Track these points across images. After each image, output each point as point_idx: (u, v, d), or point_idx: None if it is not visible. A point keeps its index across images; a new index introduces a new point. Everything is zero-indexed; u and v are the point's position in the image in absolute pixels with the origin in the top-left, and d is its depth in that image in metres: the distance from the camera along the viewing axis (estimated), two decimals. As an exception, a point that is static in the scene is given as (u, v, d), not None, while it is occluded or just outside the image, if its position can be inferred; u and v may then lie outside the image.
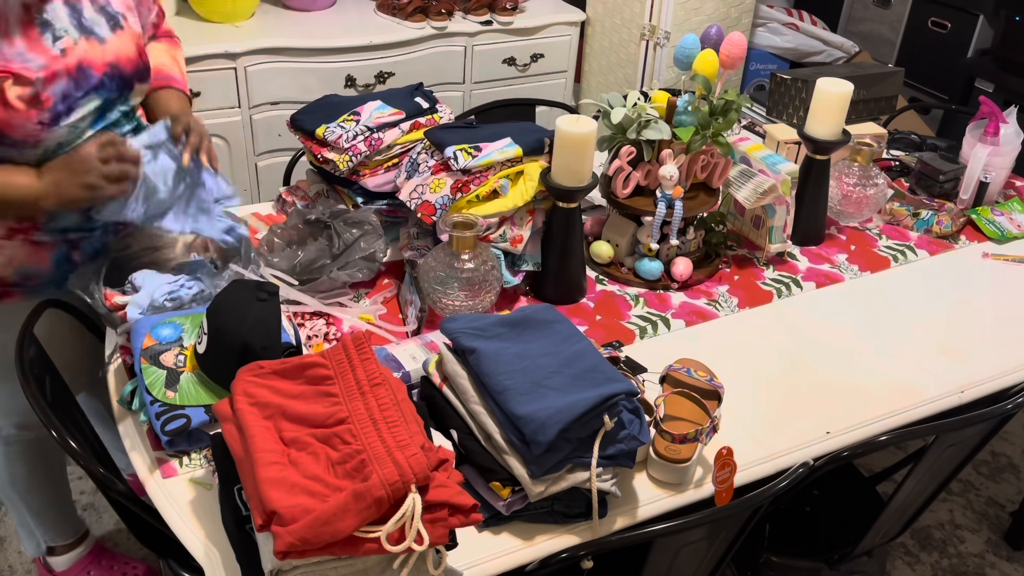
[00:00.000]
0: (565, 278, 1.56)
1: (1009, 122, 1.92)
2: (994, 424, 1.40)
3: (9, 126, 1.23)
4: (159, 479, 1.15)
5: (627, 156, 1.55)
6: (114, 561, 1.92)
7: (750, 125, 2.27)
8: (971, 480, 2.40)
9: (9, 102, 1.21)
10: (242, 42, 2.52)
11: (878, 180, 1.81)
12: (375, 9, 2.91)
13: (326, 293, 1.49)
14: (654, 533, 1.09)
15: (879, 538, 1.59)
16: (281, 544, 0.85)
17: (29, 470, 1.69)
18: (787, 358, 1.48)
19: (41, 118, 1.25)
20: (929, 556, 2.16)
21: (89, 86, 1.30)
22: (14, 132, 1.23)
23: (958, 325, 1.59)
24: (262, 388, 1.01)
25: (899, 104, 2.44)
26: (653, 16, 2.92)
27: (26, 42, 1.23)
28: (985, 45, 3.27)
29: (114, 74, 1.34)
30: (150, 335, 1.25)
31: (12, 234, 1.36)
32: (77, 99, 1.29)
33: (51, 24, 1.26)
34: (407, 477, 0.89)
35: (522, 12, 3.01)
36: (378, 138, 1.62)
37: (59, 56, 1.26)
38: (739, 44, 1.56)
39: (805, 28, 3.44)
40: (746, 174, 1.68)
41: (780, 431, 1.31)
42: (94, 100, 1.32)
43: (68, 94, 1.27)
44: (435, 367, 1.21)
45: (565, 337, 1.18)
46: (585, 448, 1.07)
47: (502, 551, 1.09)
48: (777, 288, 1.66)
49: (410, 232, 1.59)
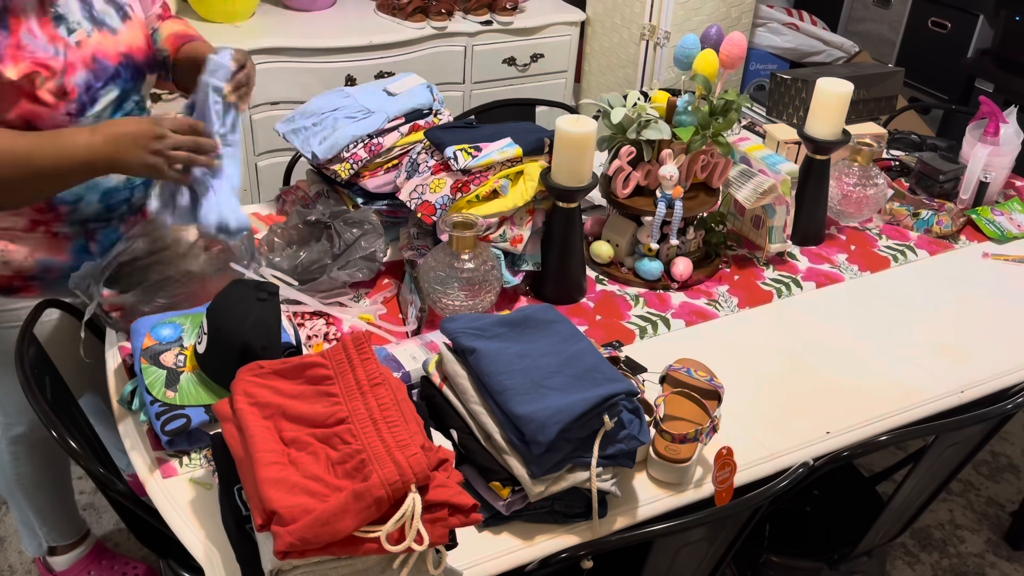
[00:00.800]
0: (565, 278, 1.56)
1: (1009, 122, 1.92)
2: (994, 424, 1.40)
3: (40, 119, 1.26)
4: (159, 479, 1.15)
5: (627, 156, 1.55)
6: (114, 561, 1.92)
7: (750, 125, 2.27)
8: (971, 480, 2.40)
9: (40, 98, 1.25)
10: (242, 42, 2.52)
11: (878, 180, 1.81)
12: (375, 9, 2.91)
13: (326, 293, 1.49)
14: (654, 533, 1.09)
15: (879, 538, 1.59)
16: (281, 544, 0.85)
17: (36, 469, 1.70)
18: (787, 358, 1.48)
19: (69, 109, 1.28)
20: (929, 556, 2.16)
21: (107, 76, 1.34)
22: (45, 125, 1.27)
23: (958, 325, 1.59)
24: (262, 388, 1.01)
25: (899, 104, 2.44)
26: (653, 16, 2.92)
27: (45, 35, 1.26)
28: (985, 45, 3.27)
29: (128, 63, 1.38)
30: (150, 335, 1.25)
31: (34, 226, 1.38)
32: (98, 89, 1.32)
33: (65, 17, 1.29)
34: (407, 477, 0.89)
35: (522, 12, 3.01)
36: (378, 143, 1.62)
37: (75, 48, 1.29)
38: (739, 44, 1.56)
39: (805, 28, 3.44)
40: (746, 174, 1.68)
41: (780, 431, 1.31)
42: (113, 90, 1.35)
43: (90, 84, 1.31)
44: (435, 367, 1.21)
45: (565, 337, 1.18)
46: (585, 448, 1.07)
47: (502, 551, 1.09)
48: (777, 288, 1.66)
49: (410, 232, 1.59)
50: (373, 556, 0.92)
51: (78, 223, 1.41)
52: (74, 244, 1.43)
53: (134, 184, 1.45)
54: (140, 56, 1.41)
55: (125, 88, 1.38)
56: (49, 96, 1.25)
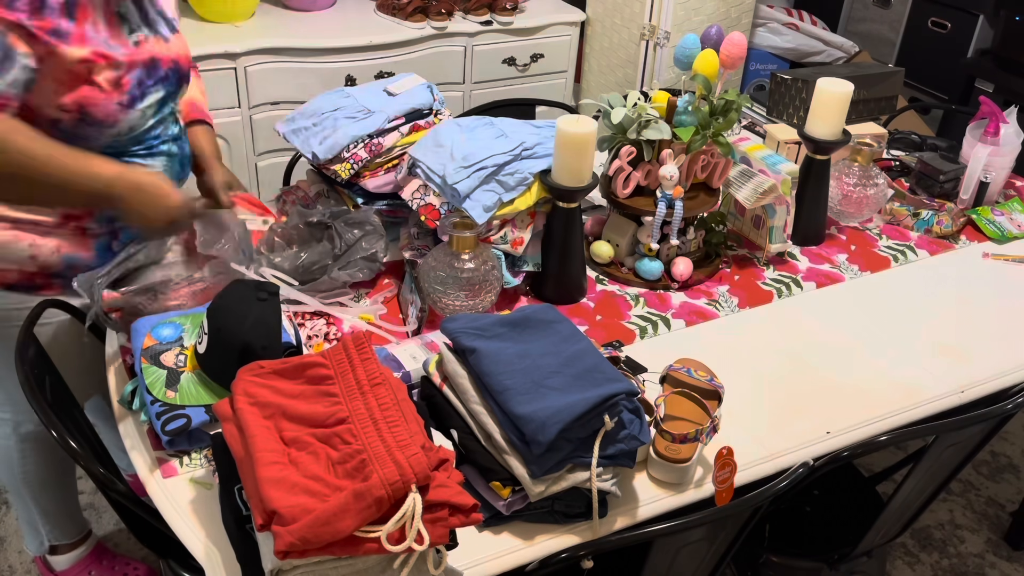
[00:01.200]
0: (565, 278, 1.56)
1: (1009, 122, 1.92)
2: (994, 424, 1.40)
3: (95, 104, 1.30)
4: (159, 479, 1.15)
5: (627, 156, 1.55)
6: (115, 561, 1.92)
7: (750, 125, 2.27)
8: (971, 480, 2.40)
9: (97, 82, 1.29)
10: (242, 42, 2.52)
11: (878, 180, 1.81)
12: (375, 9, 2.91)
13: (326, 293, 1.49)
14: (654, 533, 1.09)
15: (879, 538, 1.59)
16: (281, 544, 0.85)
17: (43, 467, 1.70)
18: (787, 358, 1.48)
19: (120, 100, 1.33)
20: (929, 556, 2.16)
21: (157, 77, 1.39)
22: (97, 111, 1.31)
23: (958, 325, 1.59)
24: (262, 388, 1.01)
25: (899, 104, 2.44)
26: (653, 16, 2.92)
27: (109, 31, 1.31)
28: (985, 45, 3.27)
29: (176, 69, 1.44)
30: (150, 335, 1.25)
31: (65, 222, 1.40)
32: (148, 87, 1.38)
33: (127, 19, 1.35)
34: (407, 477, 0.89)
35: (522, 12, 3.01)
36: (378, 143, 1.62)
37: (135, 48, 1.35)
38: (739, 44, 1.56)
39: (805, 28, 3.44)
40: (746, 174, 1.68)
41: (780, 431, 1.31)
42: (159, 91, 1.41)
43: (142, 81, 1.36)
44: (435, 367, 1.21)
45: (565, 337, 1.18)
46: (585, 448, 1.07)
47: (502, 551, 1.09)
48: (777, 288, 1.66)
49: (410, 232, 1.59)
50: (373, 556, 0.92)
51: (106, 220, 1.44)
52: (99, 241, 1.45)
53: None
54: (185, 65, 1.48)
55: (169, 91, 1.43)
56: (106, 83, 1.30)
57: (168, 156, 1.47)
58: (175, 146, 1.49)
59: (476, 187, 1.46)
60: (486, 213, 1.45)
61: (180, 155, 1.51)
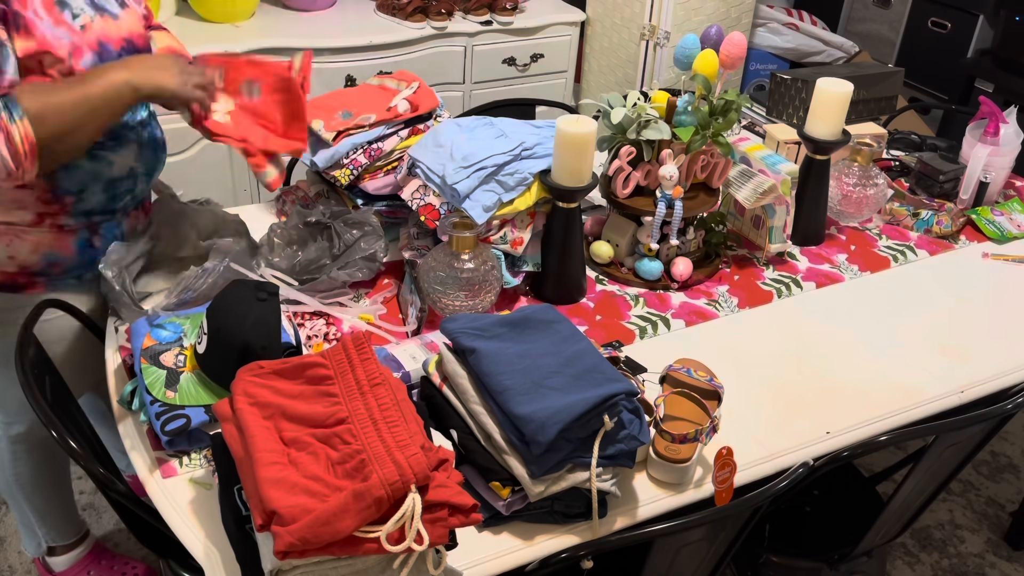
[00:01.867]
0: (565, 278, 1.56)
1: (1009, 122, 1.92)
2: (994, 424, 1.40)
3: None
4: (159, 479, 1.15)
5: (627, 156, 1.55)
6: (114, 561, 1.92)
7: (750, 125, 2.27)
8: (971, 480, 2.40)
9: (50, 75, 1.27)
10: (242, 42, 2.52)
11: (878, 180, 1.81)
12: (375, 9, 2.91)
13: (326, 293, 1.49)
14: (654, 533, 1.09)
15: (879, 538, 1.59)
16: (281, 544, 0.85)
17: (35, 468, 1.70)
18: (787, 358, 1.48)
19: None
20: (929, 556, 2.16)
21: (110, 59, 1.35)
22: None
23: (958, 325, 1.59)
24: (262, 388, 1.01)
25: (899, 104, 2.44)
26: (653, 16, 2.93)
27: (51, 18, 1.28)
28: (985, 45, 3.27)
29: (131, 48, 1.40)
30: (150, 335, 1.25)
31: (40, 219, 1.39)
32: None
33: (68, 3, 1.31)
34: (407, 477, 0.89)
35: (522, 12, 3.01)
36: (378, 147, 1.62)
37: (80, 32, 1.31)
38: (739, 44, 1.56)
39: (805, 28, 3.44)
40: (746, 174, 1.68)
41: (780, 431, 1.31)
42: None
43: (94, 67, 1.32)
44: (435, 367, 1.21)
45: (565, 337, 1.18)
46: (585, 448, 1.07)
47: (502, 551, 1.09)
48: (777, 288, 1.66)
49: (410, 232, 1.59)
50: (373, 556, 0.92)
51: (82, 215, 1.41)
52: (78, 238, 1.43)
53: (137, 175, 1.46)
54: (141, 42, 1.44)
55: None
56: (57, 76, 1.27)
57: (139, 144, 1.43)
58: (145, 131, 1.45)
59: (476, 187, 1.46)
60: (486, 213, 1.45)
61: (152, 141, 1.47)
